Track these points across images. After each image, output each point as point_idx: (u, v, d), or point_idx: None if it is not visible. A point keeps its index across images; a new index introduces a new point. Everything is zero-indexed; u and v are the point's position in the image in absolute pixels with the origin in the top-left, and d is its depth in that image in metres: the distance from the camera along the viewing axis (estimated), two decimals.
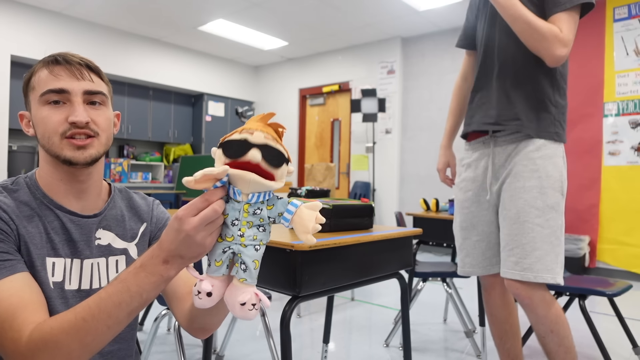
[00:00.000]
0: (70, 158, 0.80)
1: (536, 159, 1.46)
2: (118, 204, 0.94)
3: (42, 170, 0.85)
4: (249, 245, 0.65)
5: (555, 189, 1.46)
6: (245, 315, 0.64)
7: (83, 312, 0.66)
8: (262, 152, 0.62)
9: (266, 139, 0.63)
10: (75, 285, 0.83)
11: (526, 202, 1.44)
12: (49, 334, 0.65)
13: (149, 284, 0.66)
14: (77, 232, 0.84)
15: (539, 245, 1.43)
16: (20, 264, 0.74)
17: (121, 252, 0.90)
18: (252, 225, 0.65)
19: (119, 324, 0.67)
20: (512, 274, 1.44)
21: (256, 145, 0.62)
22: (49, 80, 0.81)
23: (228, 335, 2.24)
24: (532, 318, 1.46)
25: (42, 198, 0.83)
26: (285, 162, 0.66)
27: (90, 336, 0.66)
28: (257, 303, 0.65)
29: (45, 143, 0.81)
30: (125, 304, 0.66)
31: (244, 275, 0.65)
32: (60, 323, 0.66)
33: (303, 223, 0.64)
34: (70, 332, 0.65)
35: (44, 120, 0.80)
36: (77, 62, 0.83)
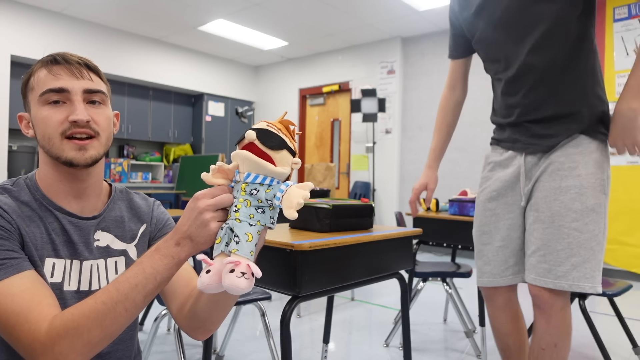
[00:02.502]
0: (71, 159, 0.80)
1: (575, 155, 1.31)
2: (118, 205, 0.93)
3: (42, 171, 0.85)
4: (243, 221, 0.68)
5: (596, 188, 1.29)
6: (234, 282, 0.62)
7: (103, 296, 0.68)
8: (258, 133, 0.68)
9: (268, 126, 0.69)
10: (75, 287, 0.83)
11: (563, 204, 1.30)
12: (70, 320, 0.67)
13: (162, 266, 0.69)
14: (76, 233, 0.84)
15: (575, 251, 1.28)
16: (26, 262, 0.75)
17: (120, 254, 0.90)
18: (250, 205, 0.68)
19: (136, 307, 0.69)
20: (544, 282, 1.31)
21: (255, 129, 0.68)
22: (48, 80, 0.80)
23: (228, 335, 2.24)
24: (542, 326, 1.35)
25: (42, 199, 0.83)
26: (286, 149, 0.69)
27: (109, 319, 0.67)
28: (248, 273, 0.64)
29: (45, 144, 0.81)
30: (142, 285, 0.69)
31: (236, 247, 0.67)
32: (81, 309, 0.68)
33: (289, 199, 0.67)
34: (91, 316, 0.67)
35: (44, 120, 0.80)
36: (76, 61, 0.83)
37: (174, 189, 6.75)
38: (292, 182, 0.70)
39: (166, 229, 0.99)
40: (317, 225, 1.40)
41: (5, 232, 0.74)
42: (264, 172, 0.68)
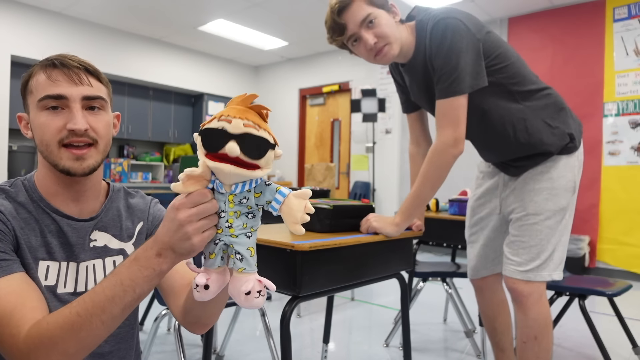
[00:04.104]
0: (69, 168, 0.79)
1: (547, 162, 1.45)
2: (115, 204, 0.93)
3: (40, 173, 0.85)
4: (239, 234, 0.63)
5: (567, 189, 1.44)
6: (253, 304, 0.62)
7: (78, 306, 0.65)
8: (241, 144, 0.58)
9: (246, 127, 0.59)
10: (71, 288, 0.82)
11: (537, 204, 1.43)
12: (45, 330, 0.65)
13: (142, 278, 0.64)
14: (73, 235, 0.84)
15: (547, 247, 1.42)
16: (16, 264, 0.74)
17: (118, 253, 0.90)
18: (240, 214, 0.63)
19: (114, 320, 0.66)
20: (517, 273, 1.44)
21: (234, 135, 0.58)
22: (46, 85, 0.79)
23: (228, 335, 2.24)
24: (521, 319, 1.46)
25: (39, 201, 0.82)
26: (270, 148, 0.61)
27: (84, 331, 0.64)
28: (262, 289, 0.63)
29: (43, 150, 0.80)
30: (119, 298, 0.64)
31: (241, 265, 0.63)
32: (56, 318, 0.66)
33: (292, 213, 0.62)
34: (65, 327, 0.64)
35: (42, 126, 0.79)
36: (76, 66, 0.81)
37: None
38: (286, 189, 0.64)
39: None
40: (318, 226, 1.40)
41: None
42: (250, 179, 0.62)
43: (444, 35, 1.31)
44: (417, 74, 1.46)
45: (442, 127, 1.34)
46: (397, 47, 1.38)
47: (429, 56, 1.36)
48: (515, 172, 1.52)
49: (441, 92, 1.33)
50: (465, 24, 1.33)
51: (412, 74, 1.49)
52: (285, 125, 7.18)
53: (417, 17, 1.43)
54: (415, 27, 1.42)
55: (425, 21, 1.38)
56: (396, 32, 1.38)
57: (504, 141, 1.46)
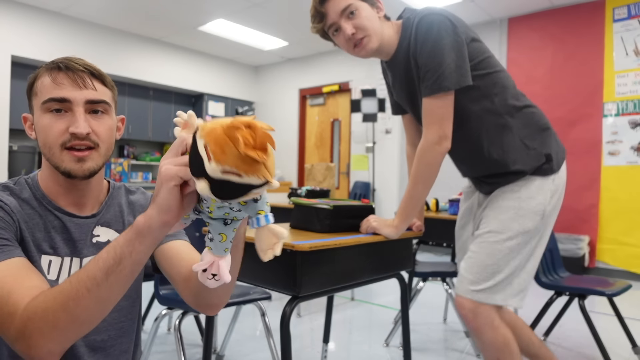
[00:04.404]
0: (70, 171, 0.80)
1: (519, 181, 1.38)
2: (117, 201, 0.95)
3: (44, 173, 0.86)
4: (217, 218, 0.62)
5: (535, 212, 1.35)
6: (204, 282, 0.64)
7: (72, 275, 0.65)
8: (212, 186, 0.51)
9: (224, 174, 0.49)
10: None
11: (501, 222, 1.35)
12: (41, 302, 0.64)
13: (121, 237, 0.63)
14: (77, 231, 0.85)
15: (503, 268, 1.33)
16: (18, 250, 0.74)
17: None
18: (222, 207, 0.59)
19: (98, 286, 0.62)
20: (468, 291, 1.35)
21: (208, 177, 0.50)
22: (51, 88, 0.80)
23: (228, 335, 2.24)
24: (478, 344, 1.39)
25: (42, 199, 0.84)
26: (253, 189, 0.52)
27: (72, 300, 0.62)
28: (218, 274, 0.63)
29: (46, 152, 0.82)
30: (102, 260, 0.63)
31: (210, 244, 0.63)
32: (52, 290, 0.65)
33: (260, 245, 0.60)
34: (57, 298, 0.63)
35: (45, 129, 0.80)
36: (81, 69, 0.82)
37: None
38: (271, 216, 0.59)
39: None
40: (318, 226, 1.40)
41: (3, 222, 0.75)
42: None
43: (429, 31, 1.29)
44: (399, 71, 1.44)
45: (427, 125, 1.32)
46: (376, 41, 1.36)
47: (412, 52, 1.33)
48: (488, 189, 1.47)
49: (426, 90, 1.30)
50: (451, 21, 1.30)
51: (394, 71, 1.47)
52: (285, 125, 7.18)
53: (405, 15, 1.42)
54: (402, 25, 1.40)
55: (411, 19, 1.36)
56: (376, 26, 1.36)
57: (477, 154, 1.41)
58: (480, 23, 5.27)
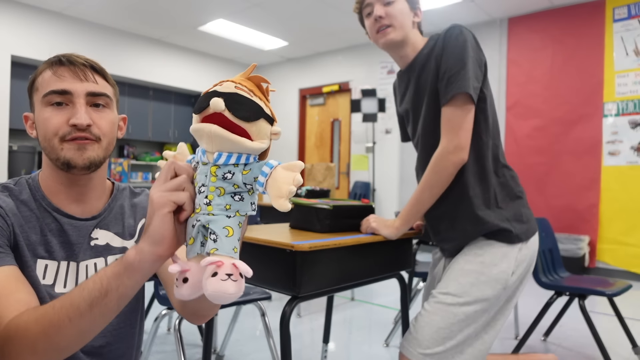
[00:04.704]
0: (69, 159, 0.78)
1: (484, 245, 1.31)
2: (119, 203, 0.93)
3: (44, 173, 0.85)
4: (218, 214, 0.55)
5: (498, 280, 1.26)
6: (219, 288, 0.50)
7: (56, 300, 0.62)
8: (228, 102, 0.53)
9: (237, 88, 0.55)
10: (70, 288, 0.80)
11: (460, 285, 1.27)
12: (23, 322, 0.62)
13: (110, 269, 0.60)
14: (75, 234, 0.84)
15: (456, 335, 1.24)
16: (9, 257, 0.73)
17: (120, 251, 0.89)
18: (225, 193, 0.55)
19: (81, 316, 0.59)
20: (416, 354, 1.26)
21: (222, 93, 0.54)
22: (52, 81, 0.79)
23: (228, 335, 2.24)
24: None
25: (42, 200, 0.82)
26: (263, 117, 0.55)
27: (52, 327, 0.60)
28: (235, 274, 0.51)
29: (46, 145, 0.80)
30: (88, 290, 0.59)
31: (214, 245, 0.54)
32: (35, 312, 0.63)
33: (277, 185, 0.52)
34: (39, 321, 0.61)
35: (45, 121, 0.79)
36: (82, 63, 0.81)
37: None
38: (275, 161, 0.55)
39: None
40: (317, 226, 1.40)
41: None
42: (239, 150, 0.55)
43: (459, 37, 1.29)
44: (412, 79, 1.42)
45: (444, 134, 1.30)
46: (399, 35, 1.37)
47: (437, 55, 1.33)
48: (451, 250, 1.41)
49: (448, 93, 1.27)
50: (477, 41, 1.33)
51: (407, 79, 1.45)
52: (285, 125, 7.18)
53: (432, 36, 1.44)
54: (429, 39, 1.41)
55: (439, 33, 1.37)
56: (406, 23, 1.38)
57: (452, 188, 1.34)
58: (480, 23, 5.27)
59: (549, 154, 4.72)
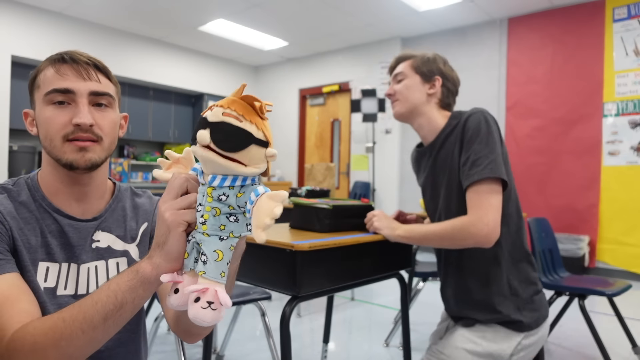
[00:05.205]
0: (72, 161, 0.78)
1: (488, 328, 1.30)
2: (121, 205, 0.91)
3: (44, 171, 0.83)
4: (212, 235, 0.57)
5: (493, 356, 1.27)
6: (197, 314, 0.53)
7: (65, 312, 0.63)
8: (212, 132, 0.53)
9: (225, 115, 0.54)
10: (72, 291, 0.81)
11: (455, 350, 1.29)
12: (30, 335, 0.62)
13: (124, 283, 0.61)
14: (75, 236, 0.82)
15: None
16: (10, 264, 0.72)
17: (122, 254, 0.88)
18: (220, 214, 0.57)
19: (94, 329, 0.61)
20: None
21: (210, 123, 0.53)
22: (54, 79, 0.78)
23: (228, 335, 2.24)
24: None
25: (42, 201, 0.81)
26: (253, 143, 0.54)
27: (64, 339, 0.61)
28: (216, 302, 0.54)
29: (47, 144, 0.79)
30: (102, 304, 0.61)
31: (202, 268, 0.56)
32: (42, 324, 0.63)
33: (258, 215, 0.52)
34: (49, 334, 0.61)
35: (47, 120, 0.78)
36: (85, 61, 0.80)
37: None
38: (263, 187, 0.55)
39: None
40: (317, 226, 1.40)
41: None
42: (233, 174, 0.55)
43: (481, 123, 1.30)
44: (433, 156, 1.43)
45: (472, 210, 1.26)
46: (404, 108, 1.44)
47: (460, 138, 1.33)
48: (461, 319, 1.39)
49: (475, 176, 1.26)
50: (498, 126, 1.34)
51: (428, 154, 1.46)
52: (285, 125, 7.18)
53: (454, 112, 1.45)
54: (450, 115, 1.43)
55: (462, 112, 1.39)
56: (413, 97, 1.43)
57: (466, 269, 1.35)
58: (480, 23, 5.28)
59: (549, 154, 4.72)
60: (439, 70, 1.44)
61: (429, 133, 1.44)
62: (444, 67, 1.45)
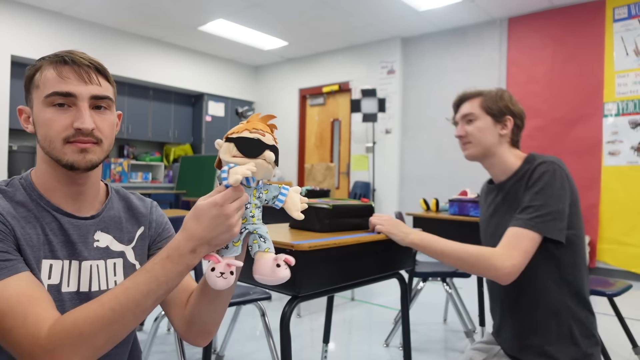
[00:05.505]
0: (72, 162, 0.79)
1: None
2: (116, 206, 0.92)
3: (40, 170, 0.83)
4: (258, 223, 0.77)
5: None
6: (281, 274, 0.74)
7: (110, 302, 0.68)
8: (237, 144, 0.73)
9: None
10: (74, 287, 0.81)
11: None
12: (72, 326, 0.66)
13: (176, 273, 0.71)
14: (75, 233, 0.83)
15: None
16: (21, 263, 0.73)
17: (119, 255, 0.89)
18: (256, 207, 0.77)
19: (145, 312, 0.71)
20: None
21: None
22: (56, 82, 0.78)
23: (228, 335, 2.24)
24: None
25: (39, 200, 0.81)
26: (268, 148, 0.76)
27: (117, 325, 0.68)
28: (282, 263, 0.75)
29: (46, 145, 0.79)
30: (153, 292, 0.69)
31: (266, 245, 0.76)
32: (84, 315, 0.68)
33: (295, 203, 0.78)
34: (96, 322, 0.67)
35: (47, 123, 0.78)
36: (86, 64, 0.81)
37: (174, 189, 6.75)
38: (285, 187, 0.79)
39: (166, 232, 0.98)
40: (317, 225, 1.40)
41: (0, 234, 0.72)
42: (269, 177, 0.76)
43: (548, 173, 1.29)
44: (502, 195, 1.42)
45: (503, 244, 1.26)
46: (477, 151, 1.43)
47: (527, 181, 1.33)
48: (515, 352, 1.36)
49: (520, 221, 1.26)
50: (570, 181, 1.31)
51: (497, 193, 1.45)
52: (285, 125, 7.18)
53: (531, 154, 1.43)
54: (526, 157, 1.42)
55: (538, 156, 1.38)
56: (485, 139, 1.41)
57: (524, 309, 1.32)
58: (480, 23, 5.27)
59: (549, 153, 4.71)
60: (508, 109, 1.42)
61: (500, 173, 1.43)
62: (511, 104, 1.43)
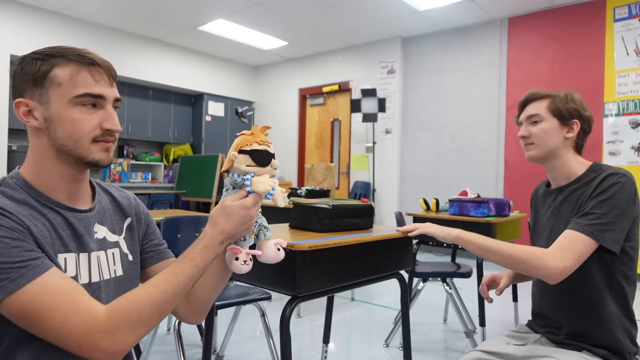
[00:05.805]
0: (98, 160, 0.83)
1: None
2: (103, 198, 0.95)
3: (38, 167, 0.83)
4: (261, 216, 0.96)
5: None
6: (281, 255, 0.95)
7: (163, 285, 0.79)
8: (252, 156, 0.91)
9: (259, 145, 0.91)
10: (86, 279, 0.83)
11: None
12: (133, 306, 0.75)
13: (209, 261, 0.85)
14: (80, 226, 0.84)
15: None
16: (47, 260, 0.74)
17: (114, 245, 0.92)
18: None
19: (185, 294, 0.83)
20: None
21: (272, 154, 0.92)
22: (89, 83, 0.81)
23: (228, 335, 2.24)
24: None
25: (38, 197, 0.81)
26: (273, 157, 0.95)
27: (168, 305, 0.80)
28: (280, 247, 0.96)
29: (70, 143, 0.80)
30: (195, 277, 0.83)
31: (269, 234, 0.96)
32: (142, 296, 0.77)
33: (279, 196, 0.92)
34: (153, 303, 0.77)
35: (76, 122, 0.80)
36: (108, 66, 0.86)
37: (173, 189, 6.75)
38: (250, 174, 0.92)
39: (151, 224, 1.04)
40: (317, 226, 1.40)
41: (19, 233, 0.72)
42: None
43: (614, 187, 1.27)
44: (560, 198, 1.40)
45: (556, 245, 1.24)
46: (540, 153, 1.40)
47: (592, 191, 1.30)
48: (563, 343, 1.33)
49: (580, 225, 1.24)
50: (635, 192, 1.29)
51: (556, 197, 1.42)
52: (285, 125, 7.18)
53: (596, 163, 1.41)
54: (590, 166, 1.40)
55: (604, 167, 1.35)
56: (550, 141, 1.39)
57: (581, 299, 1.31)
58: (480, 23, 5.27)
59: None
60: (576, 113, 1.41)
61: (561, 177, 1.41)
62: (582, 108, 1.41)
